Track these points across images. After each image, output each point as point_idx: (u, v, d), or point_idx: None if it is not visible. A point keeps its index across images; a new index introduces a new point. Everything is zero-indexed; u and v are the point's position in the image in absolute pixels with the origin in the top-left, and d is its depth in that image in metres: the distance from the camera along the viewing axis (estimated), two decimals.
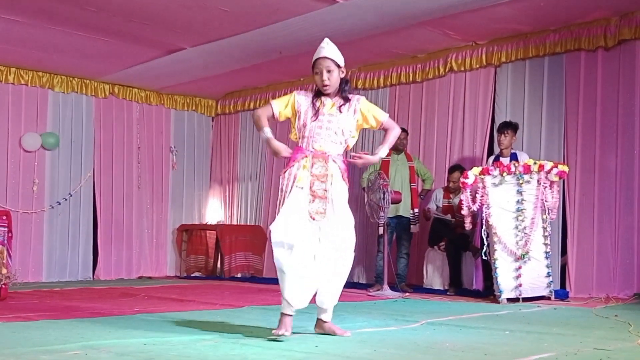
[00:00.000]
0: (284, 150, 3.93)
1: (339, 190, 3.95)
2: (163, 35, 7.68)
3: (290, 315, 3.78)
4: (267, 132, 3.95)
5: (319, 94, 3.98)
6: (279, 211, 3.83)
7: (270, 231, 3.82)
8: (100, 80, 9.69)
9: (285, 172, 3.91)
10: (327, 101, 3.96)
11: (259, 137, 10.39)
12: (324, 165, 3.89)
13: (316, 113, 3.91)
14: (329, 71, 3.92)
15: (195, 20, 7.16)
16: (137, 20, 7.15)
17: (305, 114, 3.94)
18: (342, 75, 3.99)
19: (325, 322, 3.92)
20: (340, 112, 3.94)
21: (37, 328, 4.12)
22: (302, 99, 3.99)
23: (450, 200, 7.60)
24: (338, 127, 3.93)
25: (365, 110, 4.02)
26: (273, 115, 4.01)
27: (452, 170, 7.60)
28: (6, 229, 6.49)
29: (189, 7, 6.74)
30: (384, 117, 4.08)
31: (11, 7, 6.81)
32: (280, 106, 4.01)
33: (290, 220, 3.76)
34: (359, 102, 4.01)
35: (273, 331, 3.71)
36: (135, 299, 6.38)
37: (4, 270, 6.05)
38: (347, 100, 3.98)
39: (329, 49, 3.98)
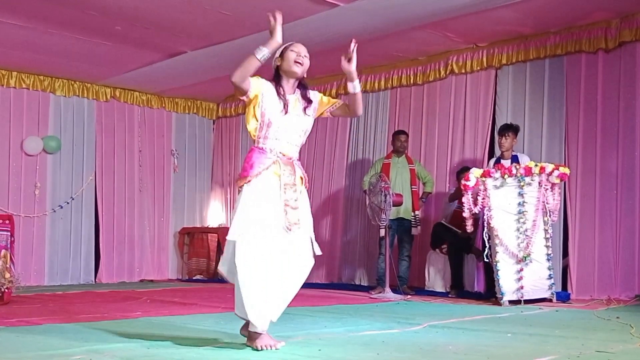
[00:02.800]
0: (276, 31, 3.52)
1: (304, 199, 3.67)
2: (164, 38, 7.69)
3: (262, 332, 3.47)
4: (261, 48, 3.52)
5: (279, 84, 3.62)
6: (245, 221, 3.42)
7: (236, 243, 3.42)
8: (102, 83, 9.71)
9: (250, 179, 3.50)
10: (290, 97, 3.63)
11: None
12: (292, 173, 3.59)
13: (285, 107, 3.57)
14: (306, 56, 3.67)
15: (196, 24, 7.17)
16: (139, 24, 7.17)
17: (270, 107, 3.55)
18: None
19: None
20: (306, 114, 3.66)
21: (40, 332, 4.13)
22: (268, 86, 3.60)
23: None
24: (302, 128, 3.66)
25: (323, 102, 3.77)
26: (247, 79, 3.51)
27: (462, 171, 7.57)
28: (9, 233, 6.50)
29: (190, 11, 6.76)
30: (337, 100, 3.85)
31: (12, 11, 6.83)
32: (256, 79, 3.58)
33: (258, 231, 3.43)
34: (316, 96, 3.75)
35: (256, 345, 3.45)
36: (138, 303, 6.39)
37: (7, 275, 6.06)
38: (310, 102, 3.69)
39: None
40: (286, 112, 3.57)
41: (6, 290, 6.04)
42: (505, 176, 6.20)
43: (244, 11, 6.75)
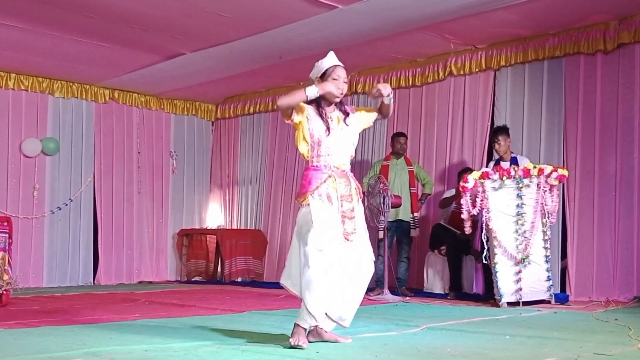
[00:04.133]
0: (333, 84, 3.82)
1: (359, 208, 3.92)
2: (163, 40, 7.70)
3: (305, 329, 3.74)
4: (311, 88, 3.80)
5: (319, 106, 3.88)
6: (318, 231, 3.67)
7: (314, 249, 3.65)
8: (100, 85, 9.71)
9: (311, 193, 3.75)
10: (332, 114, 3.90)
11: (258, 141, 10.45)
12: (347, 184, 3.85)
13: (328, 128, 3.83)
14: (345, 82, 3.89)
15: (194, 25, 7.17)
16: (137, 26, 7.17)
17: (316, 128, 3.84)
18: None
19: (327, 331, 3.87)
20: (347, 125, 3.92)
21: (38, 334, 4.13)
22: (311, 110, 3.88)
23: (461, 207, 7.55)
24: (348, 140, 3.92)
25: (362, 114, 4.04)
26: (295, 106, 3.80)
27: (463, 172, 7.58)
28: (7, 235, 6.49)
29: (188, 13, 6.76)
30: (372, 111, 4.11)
31: (11, 13, 6.83)
32: (298, 106, 3.83)
33: (327, 239, 3.68)
34: (354, 112, 4.01)
35: (290, 340, 3.65)
36: (136, 305, 6.38)
37: (6, 277, 6.05)
38: (347, 113, 3.95)
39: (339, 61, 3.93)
40: (329, 132, 3.83)
41: (4, 292, 6.03)
42: (504, 178, 6.21)
43: (242, 13, 6.75)
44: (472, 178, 6.25)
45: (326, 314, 3.78)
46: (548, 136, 7.36)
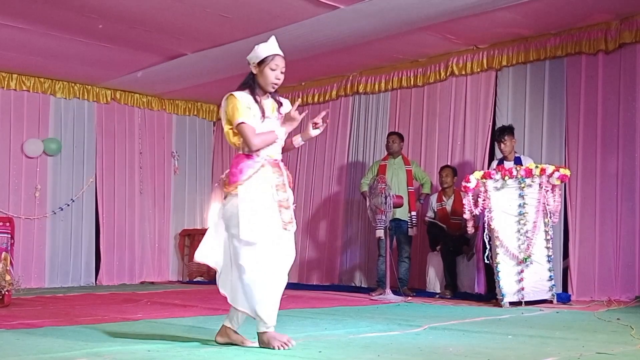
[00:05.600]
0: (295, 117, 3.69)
1: (291, 199, 3.77)
2: (164, 41, 7.70)
3: (236, 330, 3.68)
4: (279, 132, 3.69)
5: (253, 93, 3.70)
6: (252, 224, 3.52)
7: (249, 243, 3.53)
8: (102, 85, 9.72)
9: (238, 184, 3.61)
10: (266, 102, 3.75)
11: None
12: (280, 174, 3.71)
13: (263, 114, 3.68)
14: (282, 72, 3.75)
15: (196, 26, 7.18)
16: (139, 26, 7.18)
17: (254, 118, 3.65)
18: None
19: (237, 332, 3.75)
20: (281, 114, 3.78)
21: (41, 335, 4.13)
22: (247, 100, 3.67)
23: (444, 202, 7.60)
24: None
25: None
26: (252, 127, 3.64)
27: (441, 169, 7.65)
28: (9, 236, 6.51)
29: (190, 13, 6.76)
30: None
31: (13, 14, 6.84)
32: (246, 115, 3.63)
33: (267, 233, 3.56)
34: (289, 105, 3.86)
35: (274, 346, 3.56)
36: (138, 305, 6.39)
37: (8, 277, 6.06)
38: (280, 103, 3.83)
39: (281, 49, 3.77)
40: (264, 119, 3.67)
41: (6, 292, 6.04)
42: (506, 178, 6.21)
43: (244, 13, 6.76)
44: (474, 178, 6.25)
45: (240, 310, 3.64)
46: (550, 136, 7.35)
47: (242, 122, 3.60)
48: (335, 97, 9.37)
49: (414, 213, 7.67)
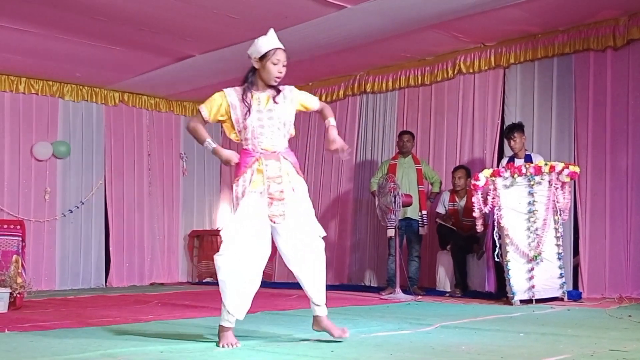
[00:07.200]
0: (234, 157, 3.79)
1: (298, 186, 3.83)
2: (172, 43, 7.72)
3: (230, 329, 3.72)
4: (211, 142, 3.85)
5: (249, 88, 3.82)
6: (231, 219, 3.74)
7: (221, 236, 3.74)
8: (110, 88, 9.75)
9: (238, 179, 3.76)
10: (261, 95, 3.81)
11: None
12: (277, 166, 3.76)
13: (249, 110, 3.76)
14: (284, 65, 3.79)
15: (203, 27, 7.19)
16: (147, 28, 7.20)
17: (242, 112, 3.78)
18: None
19: (321, 316, 3.86)
20: (276, 102, 3.81)
21: (54, 337, 4.15)
22: (234, 98, 3.82)
23: (456, 203, 7.59)
24: (279, 120, 3.80)
25: (302, 98, 3.95)
26: (204, 120, 3.89)
27: (455, 170, 7.64)
28: (20, 238, 6.55)
29: (198, 15, 6.78)
30: (317, 100, 4.07)
31: (20, 18, 6.86)
32: (210, 109, 3.87)
33: (241, 227, 3.67)
34: (292, 92, 3.91)
35: (220, 344, 3.66)
36: (149, 306, 6.41)
37: (19, 280, 6.09)
38: (278, 91, 3.85)
39: (280, 42, 3.81)
40: (250, 115, 3.77)
41: (18, 295, 6.07)
42: (515, 175, 6.20)
43: (251, 14, 6.76)
44: (483, 176, 6.24)
45: (312, 301, 3.82)
46: (559, 133, 7.33)
47: (200, 108, 3.94)
48: (342, 97, 9.37)
49: (424, 212, 7.67)
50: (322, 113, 4.05)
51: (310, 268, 3.79)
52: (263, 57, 3.77)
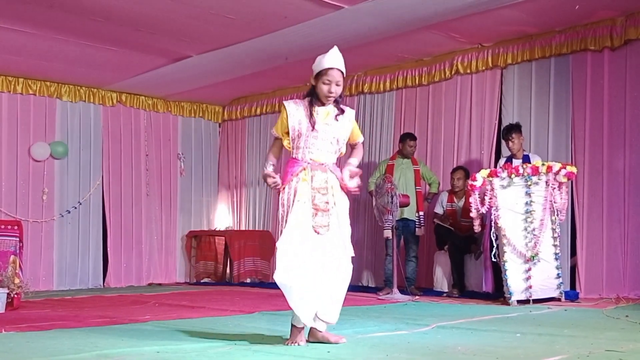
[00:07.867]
0: (269, 179, 3.84)
1: (340, 202, 3.87)
2: (169, 43, 7.71)
3: (302, 328, 3.76)
4: (266, 166, 3.93)
5: (312, 101, 3.89)
6: (283, 227, 3.76)
7: (277, 248, 3.73)
8: (108, 88, 9.74)
9: (284, 186, 3.82)
10: (320, 110, 3.88)
11: (266, 142, 10.47)
12: (324, 177, 3.82)
13: (313, 124, 3.82)
14: (337, 84, 3.85)
15: (201, 28, 7.18)
16: (144, 29, 7.19)
17: (300, 123, 3.84)
18: None
19: (320, 331, 3.82)
20: (337, 120, 3.88)
21: (50, 337, 4.15)
22: (292, 110, 3.87)
23: (454, 204, 7.60)
24: (333, 136, 3.87)
25: (354, 126, 4.03)
26: (276, 138, 3.98)
27: (454, 170, 7.64)
28: (17, 239, 6.53)
29: (195, 15, 6.77)
30: (361, 138, 4.14)
31: (18, 18, 6.86)
32: (278, 129, 3.94)
33: (295, 236, 3.70)
34: (352, 116, 3.99)
35: (286, 342, 3.73)
36: (146, 307, 6.40)
37: (17, 280, 6.08)
38: (342, 111, 3.92)
39: (340, 60, 3.89)
40: (313, 129, 3.81)
41: (15, 295, 6.07)
42: (512, 175, 6.20)
43: (248, 15, 6.76)
44: (480, 176, 6.24)
45: (316, 314, 3.76)
46: (556, 133, 7.34)
47: (275, 137, 3.97)
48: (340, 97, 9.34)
49: (422, 213, 7.67)
50: (354, 150, 4.12)
51: (334, 287, 3.79)
52: (318, 75, 3.87)
